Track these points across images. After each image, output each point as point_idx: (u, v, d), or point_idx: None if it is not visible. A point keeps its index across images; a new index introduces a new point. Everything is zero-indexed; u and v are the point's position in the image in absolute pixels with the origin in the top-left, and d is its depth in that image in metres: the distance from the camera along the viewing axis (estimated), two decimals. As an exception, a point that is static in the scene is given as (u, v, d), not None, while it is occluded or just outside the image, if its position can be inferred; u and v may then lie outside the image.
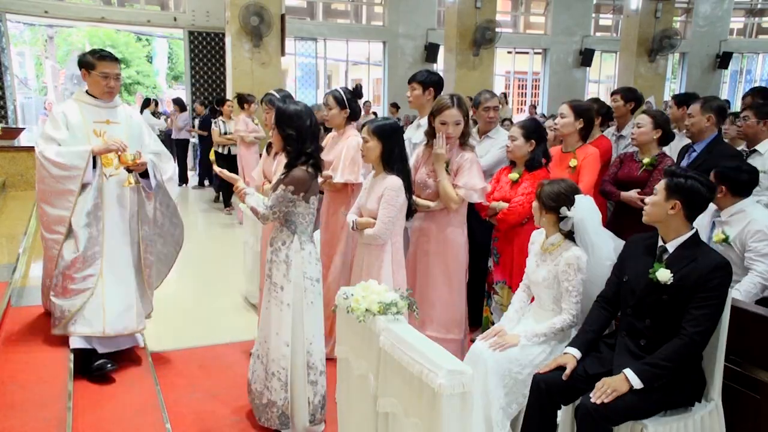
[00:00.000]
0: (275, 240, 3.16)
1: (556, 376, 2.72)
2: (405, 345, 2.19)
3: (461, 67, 14.01)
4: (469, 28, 13.82)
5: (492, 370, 2.88)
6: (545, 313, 3.06)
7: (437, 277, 3.73)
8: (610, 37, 20.26)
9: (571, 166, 3.87)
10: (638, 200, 3.78)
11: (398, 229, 3.36)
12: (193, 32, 15.43)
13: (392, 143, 3.27)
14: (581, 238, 3.01)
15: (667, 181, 2.63)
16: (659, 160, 3.91)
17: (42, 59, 21.44)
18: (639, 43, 15.11)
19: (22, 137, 8.86)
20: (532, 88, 20.69)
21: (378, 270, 3.28)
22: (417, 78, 4.21)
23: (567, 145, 4.02)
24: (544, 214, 3.05)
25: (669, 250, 2.65)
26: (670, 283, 2.56)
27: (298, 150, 3.09)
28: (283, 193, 3.02)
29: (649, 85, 14.49)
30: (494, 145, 4.42)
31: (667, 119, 4.11)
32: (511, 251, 3.84)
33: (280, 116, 3.12)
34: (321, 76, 18.33)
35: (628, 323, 2.72)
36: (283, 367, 3.10)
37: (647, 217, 2.71)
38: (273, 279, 3.15)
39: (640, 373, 2.52)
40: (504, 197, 3.84)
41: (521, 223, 3.76)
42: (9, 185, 7.39)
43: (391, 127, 3.30)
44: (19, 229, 5.50)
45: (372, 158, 3.30)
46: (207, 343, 4.40)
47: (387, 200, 3.22)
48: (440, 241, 3.71)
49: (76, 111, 3.63)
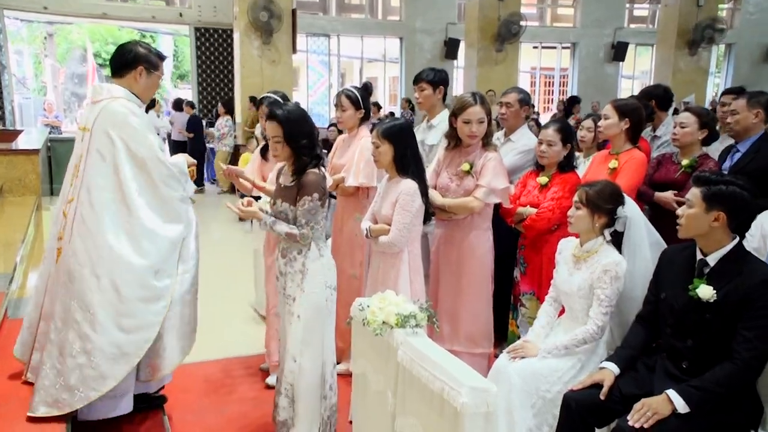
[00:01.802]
0: (289, 250, 3.09)
1: (588, 395, 2.68)
2: (425, 360, 2.19)
3: (483, 63, 14.01)
4: (491, 21, 13.81)
5: (517, 388, 2.85)
6: (578, 326, 3.02)
7: (463, 287, 3.72)
8: (646, 28, 20.15)
9: (610, 168, 3.81)
10: (674, 202, 3.73)
11: (415, 235, 3.35)
12: (200, 28, 15.60)
13: (404, 145, 3.27)
14: (628, 241, 3.02)
15: (704, 191, 2.55)
16: (700, 162, 3.83)
17: (41, 58, 21.70)
18: (679, 35, 14.84)
19: (20, 140, 8.96)
20: (559, 85, 20.62)
21: (395, 279, 3.27)
22: (424, 77, 4.18)
23: (614, 147, 3.95)
24: (597, 219, 3.01)
25: (710, 263, 2.59)
26: (713, 301, 2.51)
27: (312, 156, 3.04)
28: (312, 204, 2.96)
29: (690, 81, 14.31)
30: (512, 150, 4.33)
31: (713, 118, 4.01)
32: (539, 260, 3.82)
33: (291, 127, 2.99)
34: (334, 74, 18.40)
35: (668, 344, 2.68)
36: (290, 383, 3.08)
37: (684, 232, 2.65)
38: (286, 291, 3.10)
39: (685, 395, 2.46)
40: (532, 202, 3.82)
41: (550, 230, 3.74)
42: (6, 190, 7.45)
43: (401, 128, 3.30)
44: (16, 237, 5.55)
45: (385, 163, 3.31)
46: (214, 356, 4.41)
47: (402, 205, 3.22)
48: (464, 247, 3.70)
49: None
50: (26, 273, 5.10)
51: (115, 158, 3.05)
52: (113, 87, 3.18)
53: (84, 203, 3.05)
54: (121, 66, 3.20)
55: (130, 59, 3.18)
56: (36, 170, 7.58)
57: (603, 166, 3.90)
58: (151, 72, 3.24)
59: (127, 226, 3.03)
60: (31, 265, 5.21)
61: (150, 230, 3.07)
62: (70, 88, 21.77)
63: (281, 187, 3.13)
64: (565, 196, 3.67)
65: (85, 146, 3.11)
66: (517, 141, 4.35)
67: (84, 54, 20.91)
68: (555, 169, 3.82)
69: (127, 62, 3.18)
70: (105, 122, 3.08)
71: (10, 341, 3.79)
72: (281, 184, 3.14)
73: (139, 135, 3.09)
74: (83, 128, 3.16)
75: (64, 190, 3.22)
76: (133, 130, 3.09)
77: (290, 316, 3.07)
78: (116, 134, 3.05)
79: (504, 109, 4.36)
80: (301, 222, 2.98)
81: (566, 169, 3.79)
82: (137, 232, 3.04)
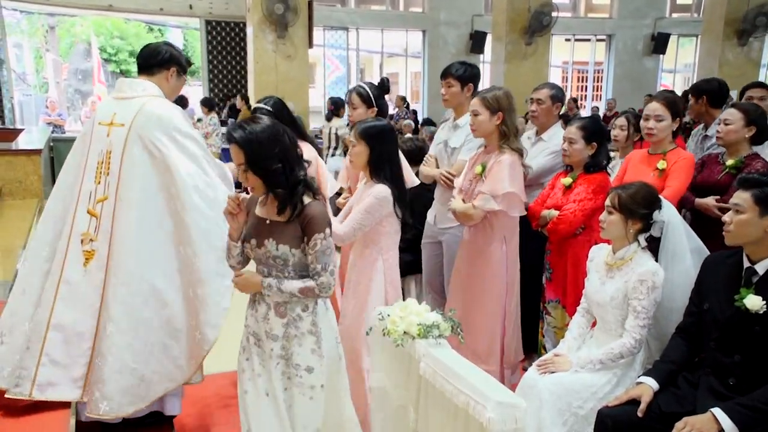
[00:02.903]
0: (289, 307, 2.60)
1: (624, 411, 2.67)
2: (449, 373, 2.19)
3: (512, 58, 13.95)
4: (521, 13, 13.76)
5: (548, 404, 2.85)
6: (611, 339, 3.01)
7: (468, 299, 3.74)
8: (690, 17, 19.94)
9: (659, 169, 3.75)
10: (715, 208, 3.69)
11: (391, 244, 3.36)
12: (211, 22, 15.73)
13: (381, 147, 3.25)
14: (666, 247, 3.00)
15: (756, 193, 2.52)
16: (747, 162, 3.75)
17: (42, 52, 21.81)
18: (726, 23, 14.47)
19: (20, 139, 9.05)
20: (593, 80, 20.52)
21: (366, 289, 3.31)
22: (453, 72, 4.14)
23: (657, 147, 3.90)
24: (631, 224, 3.00)
25: (759, 272, 2.57)
26: (763, 312, 2.48)
27: (292, 181, 2.51)
28: (326, 242, 2.52)
29: (739, 74, 13.96)
30: (544, 150, 4.30)
31: (763, 113, 3.94)
32: (564, 265, 3.81)
33: (253, 149, 2.45)
34: (353, 70, 18.47)
35: (713, 359, 2.65)
36: None
37: (733, 239, 2.62)
38: (294, 361, 2.59)
39: (733, 414, 2.43)
40: (555, 205, 3.82)
41: (574, 233, 3.73)
42: (6, 193, 7.49)
43: (380, 130, 3.29)
44: (17, 242, 5.60)
45: (360, 164, 3.30)
46: (225, 369, 4.44)
47: (366, 206, 3.19)
48: (471, 257, 3.74)
49: None
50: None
51: (167, 157, 3.19)
52: (147, 84, 3.35)
53: (124, 200, 3.17)
54: (154, 64, 3.38)
55: (166, 58, 3.37)
56: (38, 172, 7.62)
57: (644, 166, 3.85)
58: (180, 75, 3.46)
59: (180, 225, 3.19)
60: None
61: (204, 230, 3.19)
62: (74, 84, 22.02)
63: (266, 224, 2.59)
64: (588, 197, 3.66)
65: (118, 142, 3.22)
66: (549, 140, 4.31)
67: (88, 48, 21.15)
68: (581, 170, 3.80)
69: (162, 61, 3.37)
70: (150, 120, 3.23)
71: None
72: (265, 219, 2.60)
73: (189, 133, 3.27)
74: (110, 123, 3.26)
75: (83, 187, 3.27)
76: (184, 129, 3.27)
77: (311, 389, 2.59)
78: (167, 132, 3.22)
79: (535, 105, 4.34)
80: (316, 269, 2.51)
81: (592, 170, 3.75)
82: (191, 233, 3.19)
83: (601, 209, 3.24)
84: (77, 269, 3.17)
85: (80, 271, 3.17)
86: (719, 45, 14.63)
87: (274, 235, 2.53)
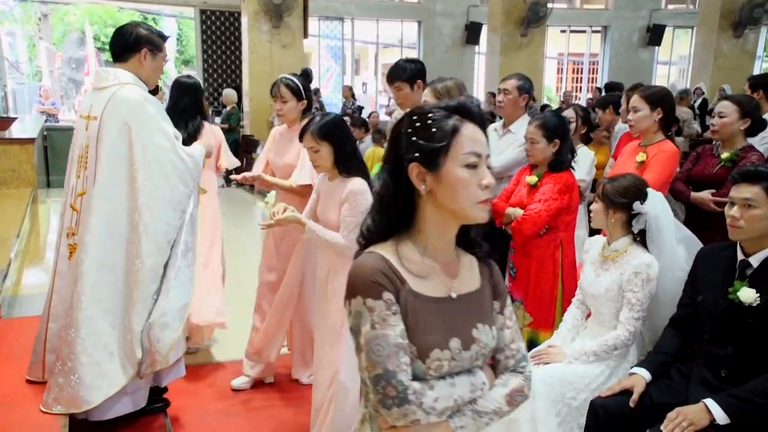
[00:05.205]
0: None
1: (617, 402, 2.68)
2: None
3: (507, 49, 13.94)
4: (516, 4, 13.75)
5: (541, 395, 2.85)
6: (606, 331, 3.02)
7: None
8: (685, 10, 19.96)
9: (637, 161, 3.74)
10: (710, 203, 3.69)
11: None
12: (206, 11, 15.62)
13: (343, 141, 3.20)
14: (653, 239, 2.99)
15: (767, 186, 2.49)
16: (742, 155, 3.73)
17: (35, 40, 21.72)
18: (722, 15, 14.55)
19: (14, 128, 9.03)
20: (589, 72, 20.51)
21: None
22: (399, 76, 4.02)
23: (644, 139, 3.85)
24: (612, 214, 3.00)
25: (753, 264, 2.57)
26: (756, 305, 2.49)
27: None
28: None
29: (734, 66, 14.00)
30: (513, 141, 4.20)
31: (757, 105, 3.92)
32: (528, 265, 3.72)
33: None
34: (348, 61, 18.41)
35: (706, 351, 2.66)
36: None
37: (743, 234, 2.57)
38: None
39: (725, 405, 2.44)
40: (520, 202, 3.71)
41: (539, 233, 3.65)
42: (0, 182, 7.51)
43: (336, 125, 3.22)
44: (11, 232, 5.59)
45: (327, 166, 3.22)
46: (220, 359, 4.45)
47: (353, 205, 3.11)
48: None
49: None
50: (21, 269, 5.15)
51: (131, 149, 3.07)
52: (120, 72, 3.17)
53: (95, 196, 3.07)
54: (123, 49, 3.19)
55: (131, 42, 3.15)
56: (31, 161, 7.61)
57: (630, 158, 3.85)
58: (155, 54, 3.23)
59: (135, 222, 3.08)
60: (27, 261, 5.26)
61: (153, 231, 3.09)
62: (68, 73, 21.88)
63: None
64: (554, 197, 3.56)
65: (93, 135, 3.12)
66: (517, 132, 4.17)
67: (82, 37, 21.00)
68: (545, 168, 3.69)
69: (128, 45, 3.16)
70: (118, 110, 3.08)
71: (3, 341, 3.85)
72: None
73: (154, 124, 3.11)
74: (87, 116, 3.15)
75: (70, 182, 3.24)
76: (149, 119, 3.11)
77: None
78: (132, 123, 3.06)
79: (501, 96, 4.26)
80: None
81: (557, 168, 3.65)
82: (141, 231, 3.08)
83: (566, 209, 3.22)
84: (65, 263, 3.21)
85: (67, 264, 3.20)
86: (715, 37, 14.65)
87: None
